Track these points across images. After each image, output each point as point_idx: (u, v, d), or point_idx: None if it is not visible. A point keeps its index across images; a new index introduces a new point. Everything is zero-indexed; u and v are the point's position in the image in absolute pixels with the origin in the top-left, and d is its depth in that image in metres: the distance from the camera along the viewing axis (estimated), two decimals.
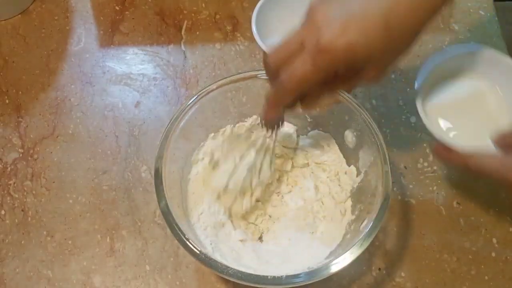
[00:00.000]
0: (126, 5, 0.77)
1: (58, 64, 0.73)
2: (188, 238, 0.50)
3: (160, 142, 0.55)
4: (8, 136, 0.68)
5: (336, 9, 0.43)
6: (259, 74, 0.58)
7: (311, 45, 0.43)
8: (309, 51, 0.44)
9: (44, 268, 0.60)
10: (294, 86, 0.46)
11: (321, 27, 0.43)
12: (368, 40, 0.43)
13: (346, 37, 0.42)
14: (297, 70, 0.45)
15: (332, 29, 0.42)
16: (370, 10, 0.43)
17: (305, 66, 0.44)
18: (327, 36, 0.42)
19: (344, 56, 0.43)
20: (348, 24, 0.42)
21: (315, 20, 0.44)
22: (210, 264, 0.49)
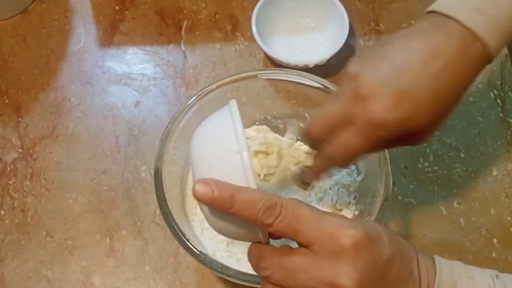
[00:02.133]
0: (126, 4, 0.77)
1: (58, 64, 0.73)
2: (188, 239, 0.50)
3: (160, 143, 0.55)
4: (8, 136, 0.68)
5: (382, 79, 0.42)
6: (259, 74, 0.58)
7: (361, 120, 0.42)
8: (361, 125, 0.42)
9: (44, 268, 0.60)
10: (345, 158, 0.45)
11: (369, 100, 0.42)
12: (420, 113, 0.42)
13: (399, 112, 0.41)
14: (349, 143, 0.44)
15: (384, 104, 0.41)
16: (418, 82, 0.41)
17: (358, 139, 0.43)
18: (378, 112, 0.41)
19: (398, 129, 0.42)
20: (399, 99, 0.41)
21: (360, 92, 0.42)
22: (211, 265, 0.49)
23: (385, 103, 0.41)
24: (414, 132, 0.43)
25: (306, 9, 0.73)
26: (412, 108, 0.41)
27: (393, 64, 0.42)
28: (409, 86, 0.41)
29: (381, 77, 0.42)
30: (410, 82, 0.41)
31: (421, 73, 0.41)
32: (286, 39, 0.73)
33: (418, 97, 0.41)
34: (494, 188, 0.64)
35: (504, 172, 0.65)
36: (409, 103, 0.41)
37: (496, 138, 0.68)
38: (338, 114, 0.44)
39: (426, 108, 0.42)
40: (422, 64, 0.41)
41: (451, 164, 0.66)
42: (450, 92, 0.43)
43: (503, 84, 0.71)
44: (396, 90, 0.41)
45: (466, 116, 0.69)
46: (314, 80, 0.57)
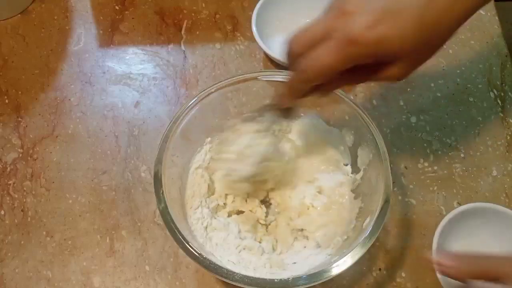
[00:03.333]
0: (126, 4, 0.77)
1: (58, 64, 0.73)
2: (192, 246, 0.50)
3: (160, 144, 0.55)
4: (8, 136, 0.68)
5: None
6: (259, 76, 0.58)
7: (340, 33, 0.41)
8: (337, 39, 0.41)
9: (44, 268, 0.60)
10: (316, 74, 0.44)
11: (352, 15, 0.41)
12: (401, 35, 0.41)
13: (379, 30, 0.40)
14: (321, 58, 0.43)
15: (364, 20, 0.40)
16: (406, 4, 0.40)
17: (331, 54, 0.42)
18: (358, 26, 0.40)
19: (374, 48, 0.41)
20: (381, 17, 0.40)
21: (345, 8, 0.41)
22: (216, 271, 0.48)
23: (365, 19, 0.40)
24: (391, 56, 0.42)
25: (306, 9, 0.73)
26: (391, 28, 0.40)
27: None
28: (395, 7, 0.40)
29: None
30: (397, 4, 0.40)
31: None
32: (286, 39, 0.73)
33: (402, 18, 0.40)
34: (494, 188, 0.64)
35: (504, 172, 0.65)
36: (390, 22, 0.40)
37: (496, 138, 0.68)
38: (318, 29, 0.43)
39: (407, 32, 0.41)
40: None
41: (451, 164, 0.66)
42: (438, 23, 0.41)
43: (503, 84, 0.71)
44: (380, 7, 0.40)
45: (466, 116, 0.69)
46: None
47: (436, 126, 0.68)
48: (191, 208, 0.57)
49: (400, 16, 0.40)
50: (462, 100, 0.70)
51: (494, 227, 0.59)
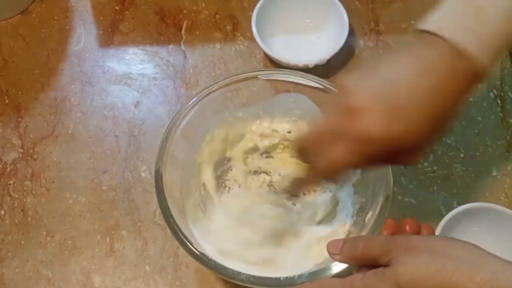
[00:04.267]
0: (126, 4, 0.77)
1: (58, 64, 0.73)
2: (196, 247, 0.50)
3: (161, 143, 0.55)
4: (8, 136, 0.68)
5: (376, 94, 0.41)
6: (259, 74, 0.58)
7: (353, 135, 0.42)
8: (351, 140, 0.42)
9: (44, 268, 0.60)
10: (332, 172, 0.45)
11: (362, 115, 0.41)
12: (411, 131, 0.41)
13: (389, 130, 0.41)
14: (337, 158, 0.43)
15: (374, 120, 0.40)
16: (414, 99, 0.41)
17: (346, 154, 0.43)
18: (368, 128, 0.41)
19: (386, 147, 0.42)
20: (393, 114, 0.40)
21: (353, 107, 0.41)
22: (222, 271, 0.48)
23: (376, 119, 0.41)
24: (403, 150, 0.43)
25: (306, 9, 0.73)
26: (403, 125, 0.41)
27: (386, 79, 0.41)
28: (402, 102, 0.41)
29: (373, 91, 0.41)
30: (403, 98, 0.41)
31: (415, 89, 0.41)
32: (286, 39, 0.73)
33: (411, 113, 0.41)
34: (494, 188, 0.64)
35: (504, 172, 0.65)
36: (400, 120, 0.41)
37: (496, 138, 0.68)
38: (328, 128, 0.44)
39: (418, 126, 0.41)
40: (415, 81, 0.41)
41: (451, 164, 0.66)
42: (442, 110, 0.42)
43: (503, 84, 0.71)
44: (389, 106, 0.41)
45: (466, 116, 0.69)
46: (313, 80, 0.57)
47: None
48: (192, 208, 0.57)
49: (409, 111, 0.41)
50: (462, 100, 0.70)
51: (494, 227, 0.59)
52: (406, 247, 0.39)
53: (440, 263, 0.37)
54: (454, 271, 0.36)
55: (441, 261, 0.37)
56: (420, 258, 0.38)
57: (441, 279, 0.36)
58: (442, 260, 0.37)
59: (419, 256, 0.38)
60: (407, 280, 0.37)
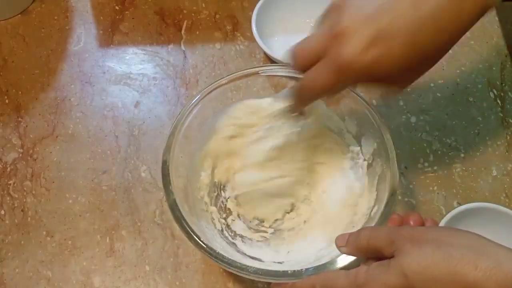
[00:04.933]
0: (126, 4, 0.77)
1: (58, 64, 0.73)
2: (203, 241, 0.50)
3: (167, 139, 0.55)
4: (8, 136, 0.68)
5: (362, 14, 0.41)
6: (260, 71, 0.58)
7: (334, 56, 0.42)
8: (331, 62, 0.42)
9: (44, 268, 0.60)
10: (313, 92, 0.47)
11: (344, 38, 0.41)
12: (393, 58, 0.41)
13: (371, 54, 0.41)
14: (316, 80, 0.44)
15: (356, 44, 0.41)
16: (398, 26, 0.40)
17: (324, 78, 0.43)
18: (349, 50, 0.41)
19: (366, 72, 0.42)
20: (373, 40, 0.40)
21: (338, 28, 0.41)
22: (230, 264, 0.48)
23: (357, 44, 0.41)
24: (385, 76, 0.43)
25: (306, 9, 0.73)
26: (386, 50, 0.40)
27: (378, 6, 0.41)
28: (385, 28, 0.40)
29: (361, 14, 0.41)
30: (388, 24, 0.40)
31: (405, 14, 0.40)
32: (286, 39, 0.73)
33: (393, 40, 0.40)
34: (494, 188, 0.64)
35: (504, 172, 0.65)
36: (381, 46, 0.40)
37: (496, 138, 0.68)
38: (314, 47, 0.45)
39: (401, 53, 0.41)
40: (406, 8, 0.40)
41: (451, 164, 0.66)
42: (432, 42, 0.41)
43: (503, 84, 0.71)
44: (373, 30, 0.40)
45: (466, 116, 0.69)
46: None
47: (436, 126, 0.68)
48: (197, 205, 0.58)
49: (392, 40, 0.40)
50: (462, 100, 0.70)
51: (494, 227, 0.59)
52: (411, 237, 0.39)
53: (445, 252, 0.37)
54: (459, 259, 0.36)
55: (446, 250, 0.37)
56: (425, 248, 0.38)
57: (446, 267, 0.36)
58: (447, 249, 0.37)
59: (424, 246, 0.38)
60: (413, 270, 0.37)
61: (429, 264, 0.37)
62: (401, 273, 0.38)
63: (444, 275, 0.36)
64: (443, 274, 0.36)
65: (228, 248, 0.55)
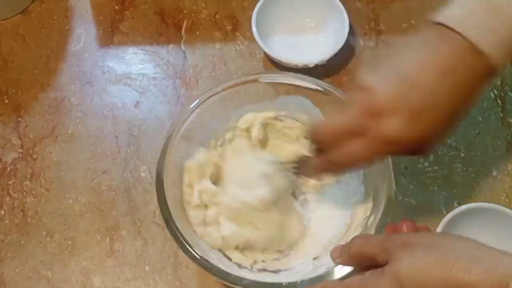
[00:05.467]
0: (126, 4, 0.77)
1: (58, 64, 0.73)
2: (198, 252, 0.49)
3: (163, 146, 0.54)
4: (8, 136, 0.68)
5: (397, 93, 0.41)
6: (260, 78, 0.58)
7: (374, 134, 0.42)
8: (373, 140, 0.42)
9: (44, 268, 0.60)
10: (350, 165, 0.46)
11: (384, 116, 0.41)
12: (434, 132, 0.42)
13: (414, 132, 0.41)
14: (355, 154, 0.44)
15: (399, 122, 0.41)
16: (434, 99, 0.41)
17: (367, 151, 0.43)
18: (393, 130, 0.41)
19: (412, 146, 0.42)
20: (414, 117, 0.41)
21: (375, 107, 0.41)
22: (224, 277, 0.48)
23: (400, 121, 0.41)
24: (421, 148, 0.44)
25: (306, 9, 0.73)
26: (424, 127, 0.41)
27: (406, 78, 0.41)
28: (423, 103, 0.41)
29: (396, 93, 0.41)
30: (424, 99, 0.41)
31: (436, 90, 0.41)
32: (286, 39, 0.73)
33: (432, 115, 0.41)
34: (494, 188, 0.64)
35: (504, 172, 0.65)
36: (422, 122, 0.41)
37: (496, 138, 0.68)
38: (348, 125, 0.44)
39: (438, 126, 0.42)
40: (436, 81, 0.41)
41: (451, 164, 0.66)
42: (459, 109, 0.43)
43: (503, 84, 0.71)
44: (410, 107, 0.41)
45: (466, 116, 0.69)
46: (313, 83, 0.57)
47: None
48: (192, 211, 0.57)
49: (432, 113, 0.41)
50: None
51: (494, 227, 0.58)
52: (404, 243, 0.39)
53: (439, 256, 0.37)
54: (453, 263, 0.36)
55: (439, 254, 0.37)
56: (418, 253, 0.38)
57: (440, 271, 0.36)
58: (440, 253, 0.37)
59: (416, 250, 0.38)
60: (406, 274, 0.37)
61: (422, 268, 0.37)
62: (395, 279, 0.38)
63: (438, 279, 0.36)
64: (437, 278, 0.36)
65: (224, 260, 0.55)
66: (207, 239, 0.55)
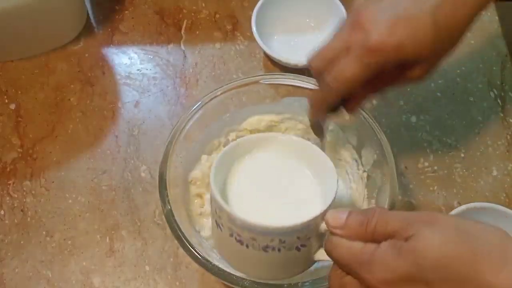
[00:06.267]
0: (126, 4, 0.77)
1: (58, 64, 0.73)
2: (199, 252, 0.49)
3: (165, 148, 0.54)
4: (8, 136, 0.68)
5: (382, 9, 0.43)
6: (261, 80, 0.58)
7: (359, 46, 0.43)
8: (358, 50, 0.43)
9: (44, 268, 0.60)
10: (341, 86, 0.45)
11: (368, 28, 0.43)
12: (417, 39, 0.42)
13: (396, 36, 0.42)
14: (344, 70, 0.44)
15: (380, 29, 0.42)
16: (418, 9, 0.42)
17: (353, 66, 0.44)
18: (375, 36, 0.42)
19: (394, 54, 0.43)
20: (396, 24, 0.42)
21: (360, 21, 0.43)
22: (225, 278, 0.48)
23: (382, 27, 0.42)
24: (411, 60, 0.44)
25: (306, 9, 0.73)
26: (409, 32, 0.42)
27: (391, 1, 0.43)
28: (408, 11, 0.42)
29: (381, 8, 0.43)
30: (409, 7, 0.42)
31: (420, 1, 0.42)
32: (286, 39, 0.73)
33: (417, 20, 0.42)
34: (494, 188, 0.64)
35: (504, 172, 0.65)
36: (405, 29, 0.42)
37: (496, 138, 0.68)
38: (337, 44, 0.45)
39: (424, 34, 0.42)
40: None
41: (451, 164, 0.66)
42: (451, 23, 0.43)
43: (503, 84, 0.71)
44: (394, 15, 0.42)
45: (466, 116, 0.69)
46: (313, 84, 0.57)
47: (436, 126, 0.68)
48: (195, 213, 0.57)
49: (414, 21, 0.42)
50: (462, 100, 0.70)
51: None
52: (432, 221, 0.34)
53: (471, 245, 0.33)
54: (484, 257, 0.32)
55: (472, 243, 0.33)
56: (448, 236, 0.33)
57: (469, 263, 0.32)
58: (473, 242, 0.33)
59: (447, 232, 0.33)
60: (430, 257, 0.33)
61: (450, 255, 0.32)
62: (414, 261, 0.33)
63: (465, 271, 0.32)
64: (464, 270, 0.32)
65: None
66: None
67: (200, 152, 0.59)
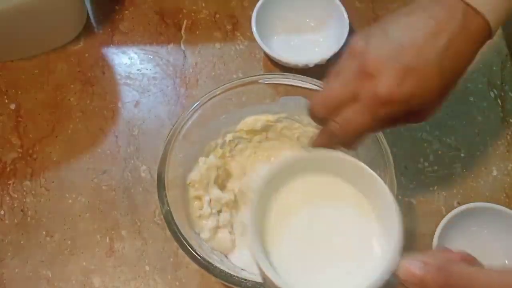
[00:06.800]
0: (126, 4, 0.77)
1: (58, 64, 0.73)
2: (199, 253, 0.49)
3: (164, 148, 0.54)
4: (8, 136, 0.68)
5: (387, 53, 0.42)
6: (260, 79, 0.58)
7: (367, 96, 0.42)
8: (367, 101, 0.42)
9: (44, 268, 0.60)
10: (349, 135, 0.45)
11: (376, 77, 0.42)
12: (426, 89, 0.42)
13: (407, 87, 0.41)
14: (353, 120, 0.43)
15: (391, 79, 0.41)
16: (425, 58, 0.41)
17: (363, 116, 0.43)
18: (386, 86, 0.41)
19: (403, 106, 0.42)
20: (405, 74, 0.41)
21: (367, 70, 0.42)
22: (227, 279, 0.48)
23: (391, 79, 0.41)
24: (419, 108, 0.44)
25: (306, 9, 0.73)
26: (418, 83, 0.42)
27: (398, 40, 0.42)
28: (415, 61, 0.41)
29: (386, 53, 0.42)
30: (415, 57, 0.41)
31: (426, 49, 0.41)
32: (286, 39, 0.73)
33: (424, 72, 0.42)
34: (494, 188, 0.64)
35: (504, 172, 0.65)
36: (415, 78, 0.41)
37: (496, 138, 0.67)
38: (342, 92, 0.43)
39: (432, 83, 0.42)
40: (426, 41, 0.41)
41: (451, 164, 0.66)
42: (454, 68, 0.43)
43: (503, 84, 0.71)
44: (402, 65, 0.41)
45: (466, 116, 0.69)
46: (313, 84, 0.57)
47: (436, 126, 0.68)
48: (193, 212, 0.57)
49: (423, 71, 0.42)
50: (462, 100, 0.70)
51: (494, 227, 0.59)
52: None
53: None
54: None
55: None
56: None
57: None
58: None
59: None
60: None
61: None
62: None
63: None
64: None
65: (226, 260, 0.55)
66: (216, 244, 0.56)
67: (199, 153, 0.59)
